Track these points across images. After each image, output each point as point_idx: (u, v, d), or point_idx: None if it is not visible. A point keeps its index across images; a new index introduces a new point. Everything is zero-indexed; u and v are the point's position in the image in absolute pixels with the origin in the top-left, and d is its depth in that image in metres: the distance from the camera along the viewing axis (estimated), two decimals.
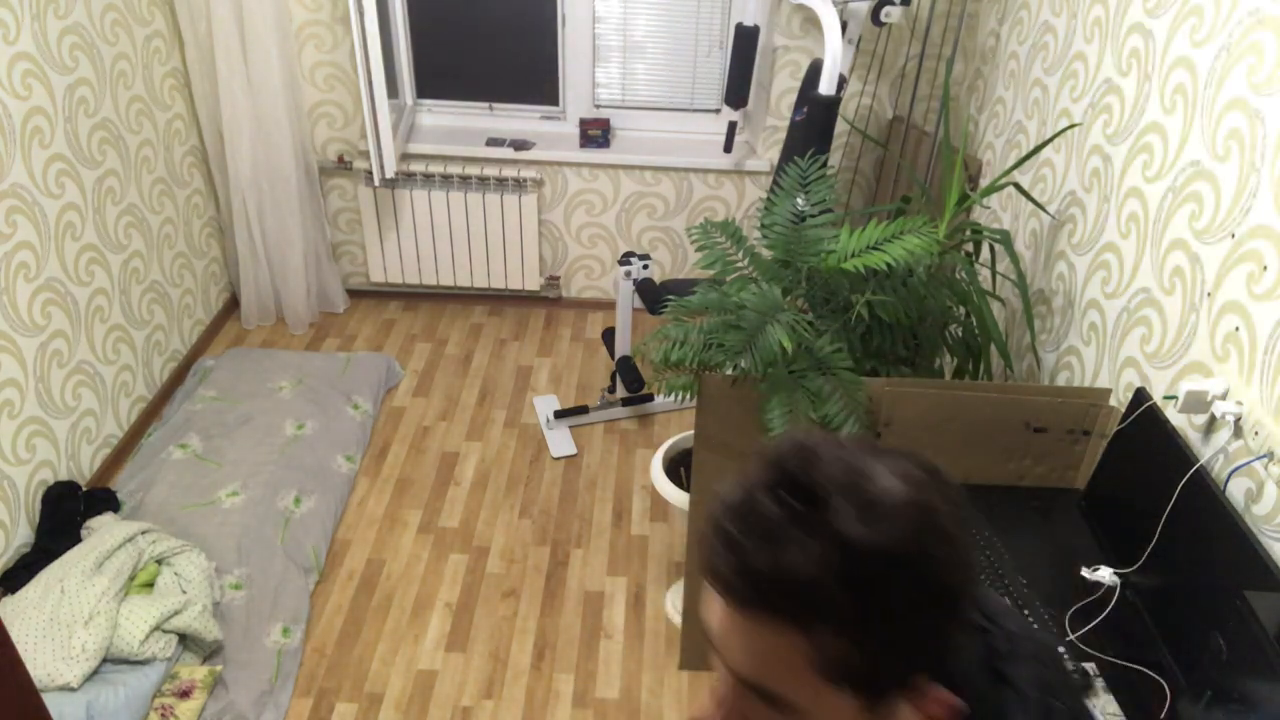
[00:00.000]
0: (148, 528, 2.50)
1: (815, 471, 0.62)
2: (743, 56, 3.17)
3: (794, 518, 0.60)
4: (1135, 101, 2.11)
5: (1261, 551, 1.41)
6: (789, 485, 0.61)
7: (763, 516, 0.61)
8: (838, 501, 0.60)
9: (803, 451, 0.63)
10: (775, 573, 0.59)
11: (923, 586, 0.60)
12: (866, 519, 0.59)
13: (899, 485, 0.61)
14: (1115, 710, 1.49)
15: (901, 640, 0.61)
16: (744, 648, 0.63)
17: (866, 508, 0.60)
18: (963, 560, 0.63)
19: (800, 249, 2.03)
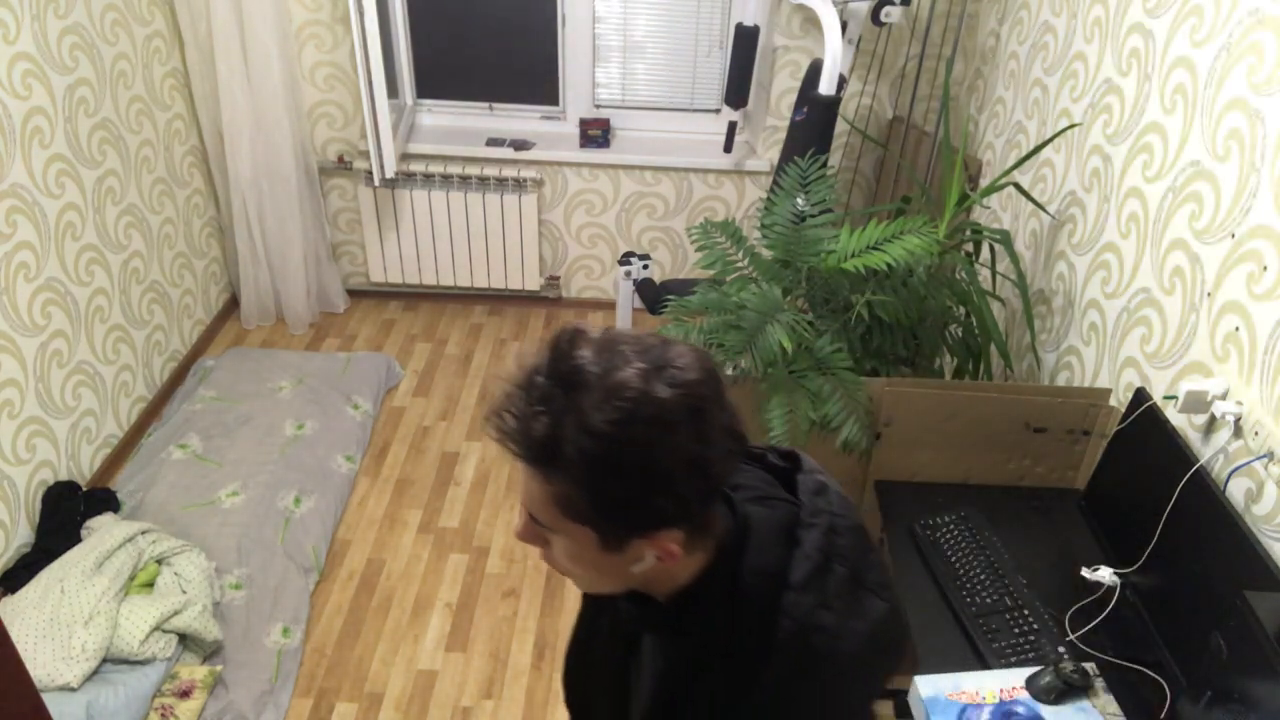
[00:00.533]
0: (148, 528, 2.50)
1: (575, 359, 0.77)
2: (743, 56, 3.17)
3: (546, 396, 0.76)
4: (1135, 101, 2.11)
5: (1261, 551, 1.41)
6: (551, 368, 0.77)
7: (526, 390, 0.78)
8: (583, 387, 0.75)
9: (573, 341, 0.79)
10: (523, 434, 0.77)
11: (637, 465, 0.76)
12: (601, 405, 0.74)
13: (635, 379, 0.75)
14: (1115, 710, 1.49)
15: (625, 501, 0.78)
16: (521, 485, 0.83)
17: (605, 394, 0.75)
18: (684, 448, 0.76)
19: (800, 249, 2.03)
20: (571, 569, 0.87)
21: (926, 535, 1.85)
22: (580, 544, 0.82)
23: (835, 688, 0.88)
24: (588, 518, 0.79)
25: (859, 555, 0.90)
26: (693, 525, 0.83)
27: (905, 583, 1.77)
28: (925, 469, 2.04)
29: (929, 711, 1.48)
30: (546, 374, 0.77)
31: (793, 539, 0.88)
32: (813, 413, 1.90)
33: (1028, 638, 1.62)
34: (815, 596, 0.85)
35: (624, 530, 0.81)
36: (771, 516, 0.90)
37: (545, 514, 0.82)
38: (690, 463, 0.77)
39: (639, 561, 0.84)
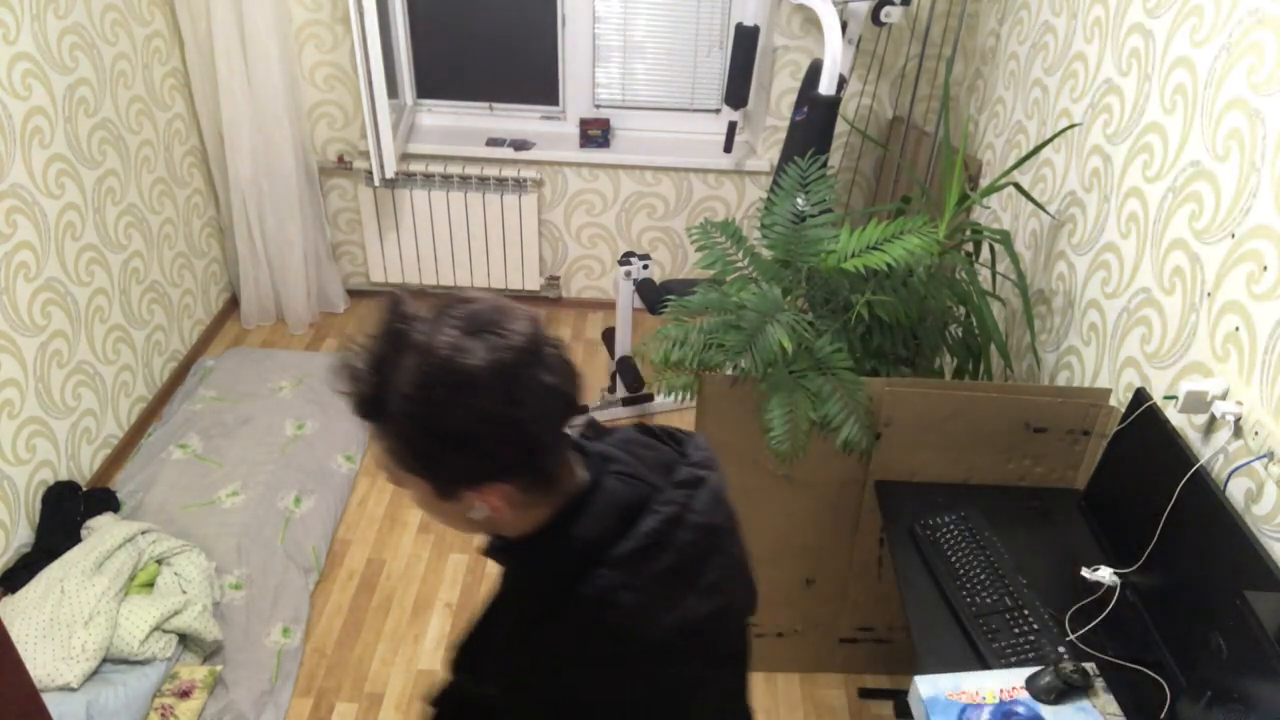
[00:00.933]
0: (148, 528, 2.50)
1: (405, 322, 0.83)
2: (743, 56, 3.17)
3: (377, 357, 0.83)
4: (1135, 101, 2.11)
5: (1261, 551, 1.41)
6: (384, 331, 0.84)
7: (366, 351, 0.84)
8: (407, 350, 0.81)
9: (406, 305, 0.85)
10: (355, 392, 0.84)
11: (441, 425, 0.82)
12: (413, 367, 0.81)
13: (447, 343, 0.81)
14: (1115, 710, 1.49)
15: (439, 456, 0.84)
16: (375, 440, 0.88)
17: (420, 357, 0.81)
18: (490, 410, 0.81)
19: (800, 249, 2.03)
20: (428, 512, 0.93)
21: (926, 535, 1.85)
22: (420, 492, 0.89)
23: (618, 668, 0.89)
24: (416, 470, 0.86)
25: (697, 553, 0.92)
26: (523, 481, 0.87)
27: (905, 583, 1.77)
28: (925, 469, 2.04)
29: (929, 711, 1.48)
30: (380, 337, 0.84)
31: (631, 519, 0.91)
32: (813, 413, 1.90)
33: (1028, 638, 1.62)
34: (624, 576, 0.88)
35: (449, 483, 0.86)
36: (619, 491, 0.93)
37: (384, 464, 0.88)
38: (497, 423, 0.82)
39: (473, 509, 0.89)
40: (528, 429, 0.84)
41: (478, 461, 0.84)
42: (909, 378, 2.07)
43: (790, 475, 2.09)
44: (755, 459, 2.06)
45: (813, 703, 2.39)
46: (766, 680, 2.44)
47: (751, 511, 2.15)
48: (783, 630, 2.37)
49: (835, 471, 2.08)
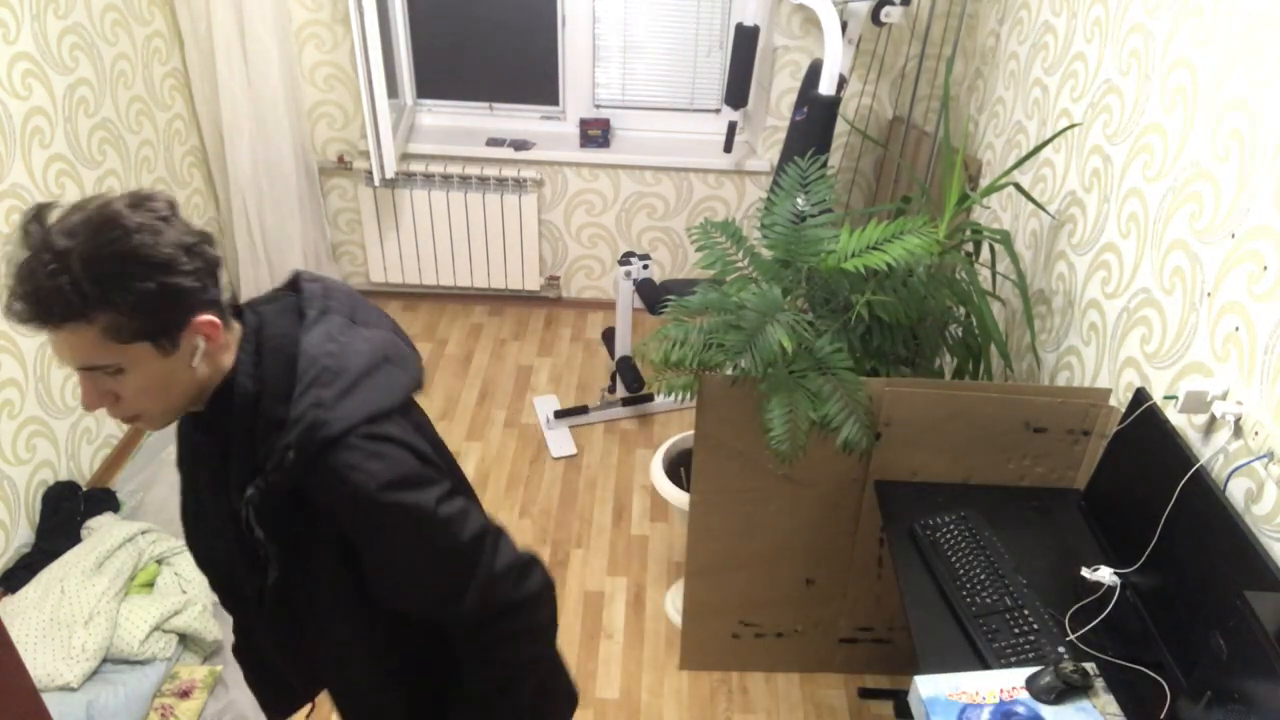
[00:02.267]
0: (148, 528, 2.50)
1: (49, 227, 0.91)
2: (743, 56, 3.17)
3: (52, 263, 0.89)
4: (1135, 101, 2.11)
5: (1261, 551, 1.41)
6: (39, 243, 0.90)
7: (32, 272, 0.90)
8: (70, 236, 0.90)
9: (40, 217, 0.92)
10: (52, 299, 0.90)
11: (138, 262, 0.91)
12: (85, 241, 0.90)
13: (93, 214, 0.92)
14: (1115, 710, 1.49)
15: (143, 302, 0.92)
16: (70, 348, 0.94)
17: (85, 233, 0.90)
18: (165, 242, 0.93)
19: (800, 249, 2.03)
20: (148, 405, 1.00)
21: (926, 535, 1.85)
22: (144, 365, 0.96)
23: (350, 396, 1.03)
24: (136, 332, 0.93)
25: (352, 304, 1.13)
26: (217, 307, 1.01)
27: (905, 583, 1.77)
28: (925, 469, 2.04)
29: (929, 711, 1.48)
30: (40, 249, 0.90)
31: (299, 311, 1.10)
32: (813, 413, 1.90)
33: (1028, 638, 1.62)
34: (323, 336, 1.06)
35: (168, 326, 0.95)
36: (279, 302, 1.12)
37: (104, 355, 0.94)
38: (183, 246, 0.95)
39: (195, 353, 1.00)
40: (206, 251, 0.99)
41: (183, 288, 0.95)
42: (909, 378, 2.07)
43: (790, 475, 2.09)
44: (755, 459, 2.06)
45: (813, 703, 2.39)
46: (767, 680, 2.44)
47: (751, 511, 2.15)
48: (783, 630, 2.37)
49: (835, 471, 2.08)
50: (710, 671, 2.45)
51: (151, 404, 1.01)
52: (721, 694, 2.40)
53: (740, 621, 2.35)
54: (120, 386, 0.98)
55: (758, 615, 2.34)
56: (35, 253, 0.91)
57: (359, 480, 0.99)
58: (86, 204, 0.94)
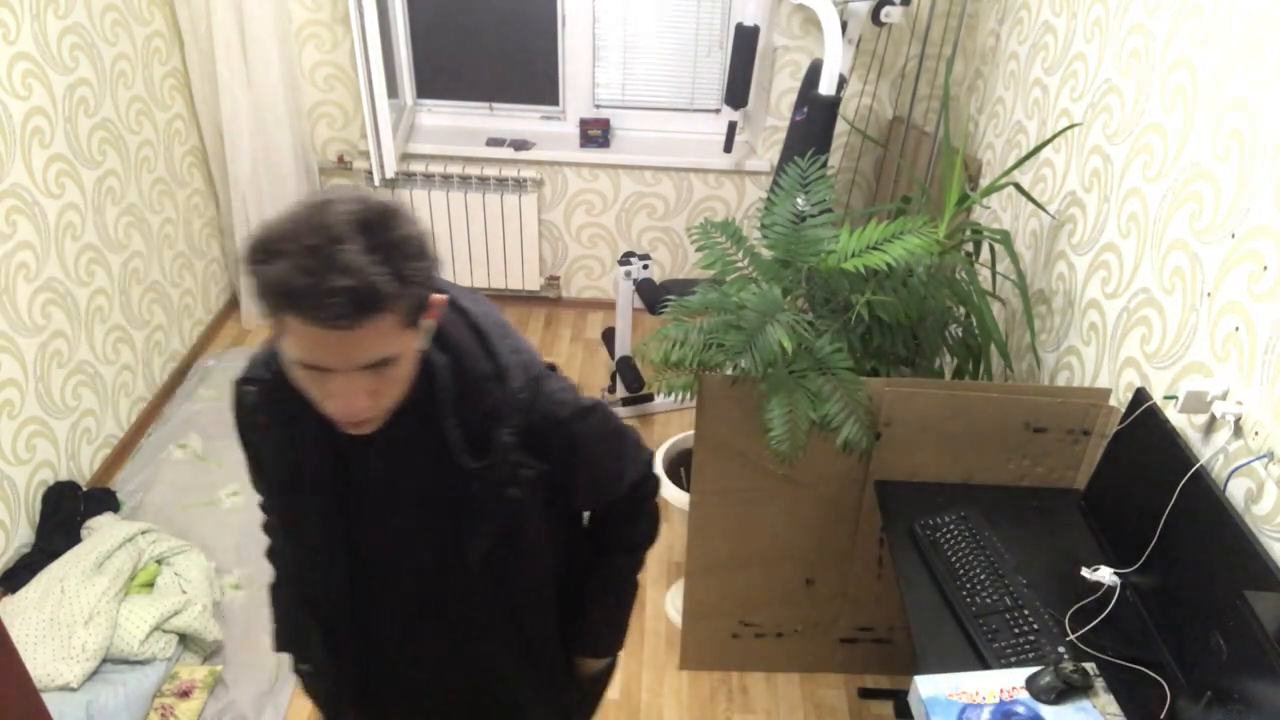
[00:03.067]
0: (148, 528, 2.50)
1: (329, 217, 0.89)
2: (743, 56, 3.17)
3: (367, 255, 0.88)
4: (1135, 101, 2.11)
5: (1261, 551, 1.41)
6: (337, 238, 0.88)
7: (344, 263, 0.87)
8: (371, 227, 0.90)
9: (330, 207, 0.90)
10: (373, 292, 0.88)
11: (419, 247, 0.93)
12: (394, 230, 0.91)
13: (374, 202, 0.92)
14: (1115, 710, 1.49)
15: (426, 283, 0.95)
16: (366, 344, 0.91)
17: (394, 222, 0.92)
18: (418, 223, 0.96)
19: (800, 249, 2.03)
20: (397, 396, 1.01)
21: (926, 535, 1.85)
22: (410, 351, 0.99)
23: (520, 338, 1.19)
24: (416, 315, 0.96)
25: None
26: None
27: (905, 583, 1.77)
28: (925, 469, 2.04)
29: (929, 711, 1.48)
30: (348, 240, 0.88)
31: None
32: (813, 413, 1.90)
33: (1028, 638, 1.62)
34: (461, 294, 1.15)
35: (424, 306, 0.97)
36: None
37: (394, 344, 0.94)
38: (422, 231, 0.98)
39: (428, 333, 1.05)
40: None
41: (430, 266, 0.96)
42: (909, 378, 2.07)
43: (790, 475, 2.09)
44: (755, 459, 2.06)
45: (813, 703, 2.39)
46: (767, 680, 2.44)
47: (751, 511, 2.15)
48: (783, 630, 2.37)
49: (835, 471, 2.08)
50: (710, 671, 2.45)
51: (399, 394, 1.01)
52: (721, 694, 2.40)
53: (740, 621, 2.35)
54: (384, 380, 0.97)
55: (758, 615, 2.34)
56: (345, 245, 0.88)
57: (569, 399, 1.15)
58: (340, 198, 0.93)
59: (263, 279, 0.88)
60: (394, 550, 1.19)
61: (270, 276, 0.87)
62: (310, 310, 0.87)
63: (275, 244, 0.88)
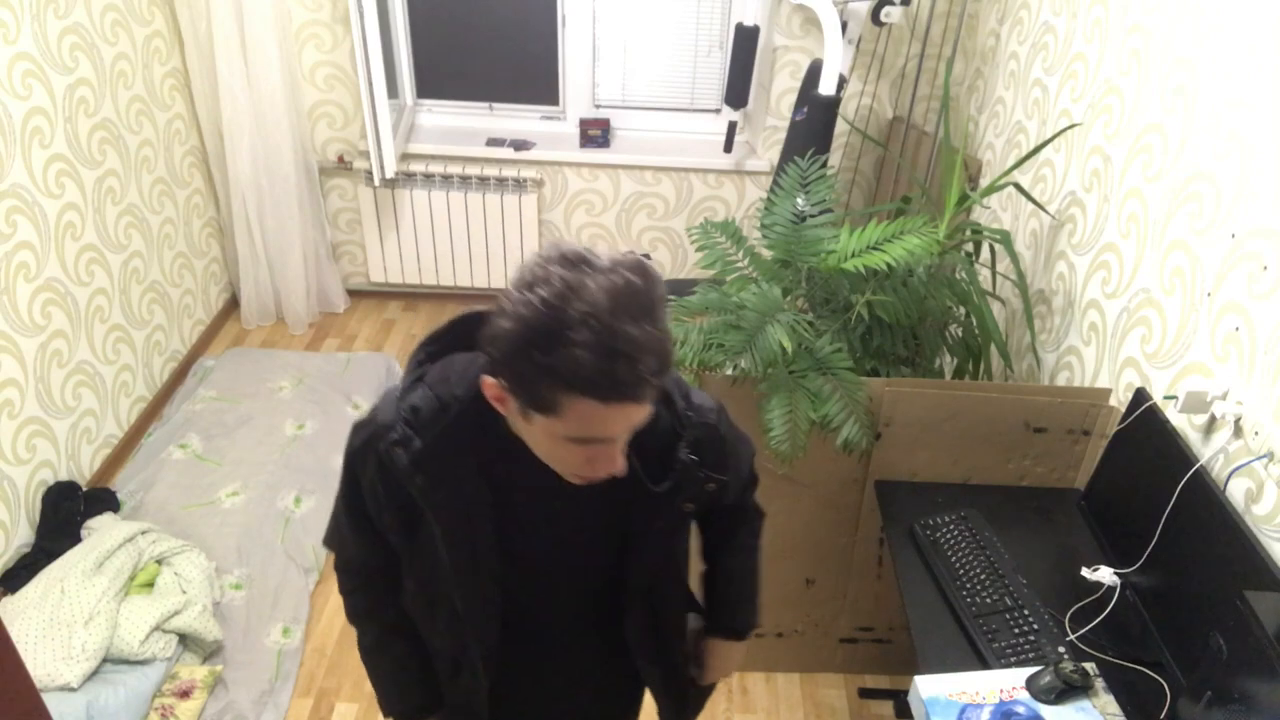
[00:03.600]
0: (148, 528, 2.50)
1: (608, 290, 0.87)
2: (743, 56, 3.17)
3: (659, 336, 0.89)
4: (1135, 101, 2.11)
5: (1261, 551, 1.41)
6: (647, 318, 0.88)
7: (654, 344, 0.88)
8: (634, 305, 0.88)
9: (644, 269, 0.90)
10: (665, 366, 0.90)
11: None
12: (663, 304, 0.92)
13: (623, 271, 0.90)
14: (1115, 710, 1.49)
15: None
16: (639, 413, 0.93)
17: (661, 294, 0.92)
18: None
19: (800, 249, 2.03)
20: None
21: (926, 535, 1.85)
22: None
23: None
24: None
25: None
26: None
27: (905, 583, 1.77)
28: (925, 469, 2.04)
29: (929, 711, 1.48)
30: (656, 319, 0.89)
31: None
32: (813, 413, 1.90)
33: (1028, 638, 1.62)
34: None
35: None
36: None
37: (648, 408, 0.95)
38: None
39: None
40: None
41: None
42: (909, 378, 2.07)
43: (790, 475, 2.09)
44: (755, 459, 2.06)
45: (813, 703, 2.39)
46: (767, 680, 2.44)
47: None
48: (783, 630, 2.37)
49: (835, 471, 2.08)
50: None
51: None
52: (721, 694, 2.39)
53: None
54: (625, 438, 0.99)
55: (758, 614, 2.34)
56: (639, 322, 0.87)
57: (709, 402, 1.17)
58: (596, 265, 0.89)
59: (566, 369, 0.86)
60: (551, 580, 1.21)
61: (575, 366, 0.85)
62: (618, 392, 0.87)
63: (562, 330, 0.85)
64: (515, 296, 0.88)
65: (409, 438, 1.05)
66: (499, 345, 0.90)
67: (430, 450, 1.05)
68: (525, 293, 0.87)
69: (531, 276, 0.88)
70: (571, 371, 0.86)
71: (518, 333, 0.87)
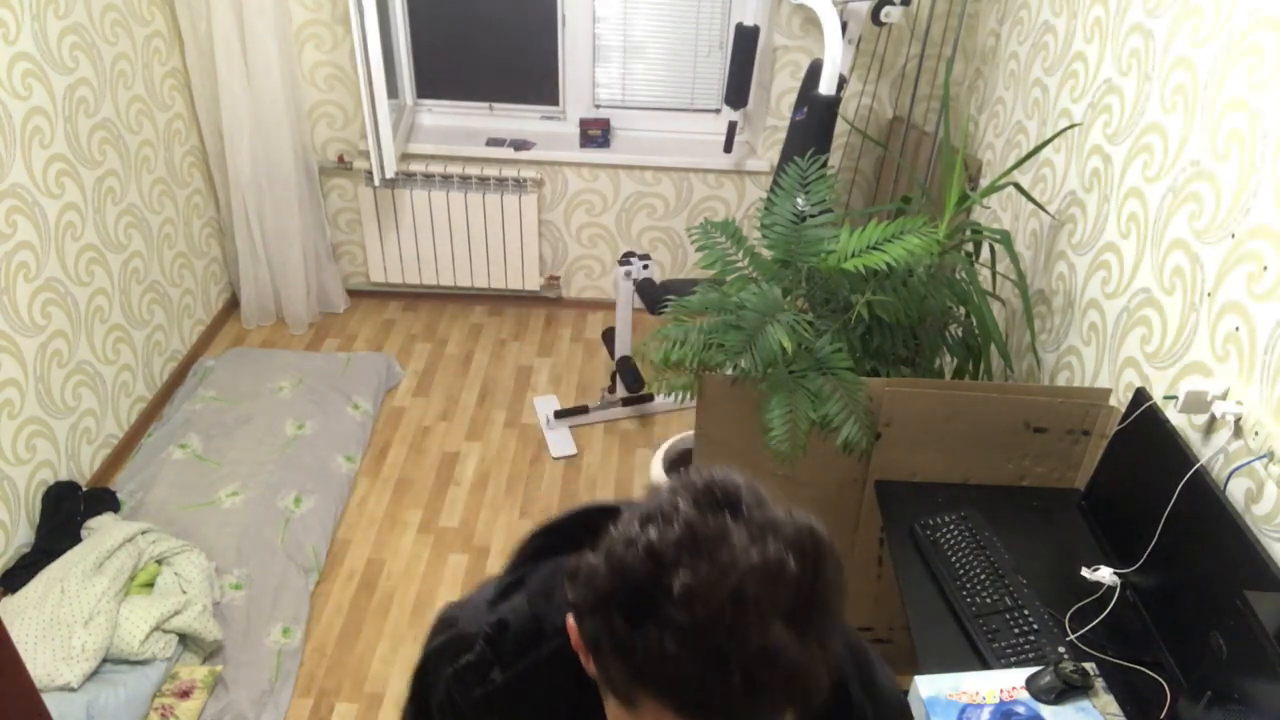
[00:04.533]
0: (148, 528, 2.50)
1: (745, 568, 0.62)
2: (743, 56, 3.17)
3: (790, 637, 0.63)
4: (1135, 101, 2.11)
5: (1261, 551, 1.41)
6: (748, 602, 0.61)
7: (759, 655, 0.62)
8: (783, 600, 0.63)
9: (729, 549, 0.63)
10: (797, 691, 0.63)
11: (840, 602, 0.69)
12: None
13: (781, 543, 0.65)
14: (1115, 710, 1.49)
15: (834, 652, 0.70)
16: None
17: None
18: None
19: (800, 249, 2.03)
20: None
21: (926, 535, 1.85)
22: None
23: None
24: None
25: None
26: None
27: (905, 583, 1.77)
28: (925, 469, 2.04)
29: (929, 711, 1.48)
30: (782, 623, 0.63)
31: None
32: (813, 413, 1.90)
33: (1028, 638, 1.62)
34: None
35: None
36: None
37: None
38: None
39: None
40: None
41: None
42: (909, 378, 2.07)
43: (790, 475, 2.09)
44: (755, 459, 2.06)
45: None
46: None
47: None
48: None
49: (835, 471, 2.08)
50: None
51: None
52: None
53: None
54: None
55: None
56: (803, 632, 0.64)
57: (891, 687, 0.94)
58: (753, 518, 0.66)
59: (646, 656, 0.61)
60: None
61: (658, 658, 0.61)
62: (709, 713, 0.61)
63: (658, 602, 0.61)
64: (624, 530, 0.65)
65: (487, 663, 0.81)
66: (579, 589, 0.67)
67: (511, 688, 0.80)
68: (638, 528, 0.64)
69: (655, 506, 0.65)
70: (651, 662, 0.61)
71: (605, 581, 0.64)
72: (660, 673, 0.61)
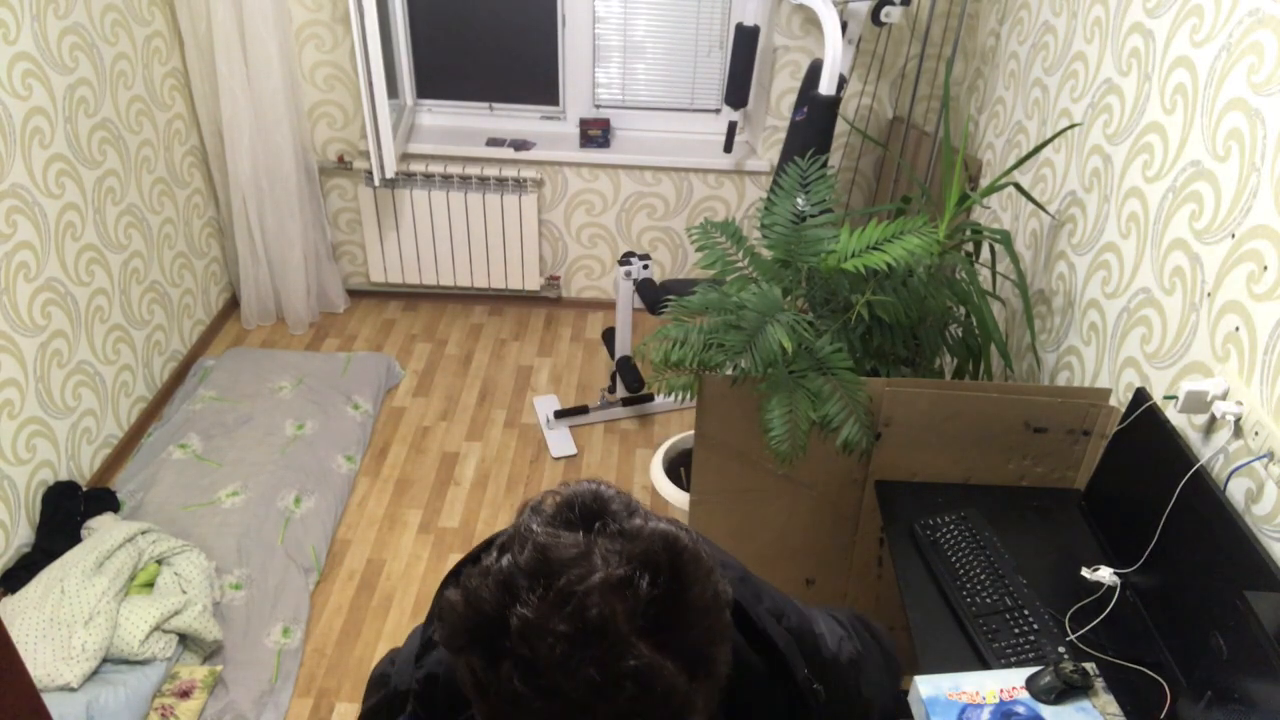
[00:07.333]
0: (148, 528, 2.50)
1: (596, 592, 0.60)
2: (743, 56, 3.17)
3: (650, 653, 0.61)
4: (1135, 101, 2.11)
5: (1261, 551, 1.41)
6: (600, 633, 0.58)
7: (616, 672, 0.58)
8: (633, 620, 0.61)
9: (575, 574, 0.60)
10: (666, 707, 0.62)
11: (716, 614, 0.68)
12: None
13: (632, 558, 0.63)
14: (1115, 710, 1.49)
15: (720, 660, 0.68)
16: None
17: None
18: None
19: (800, 249, 2.03)
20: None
21: (926, 535, 1.85)
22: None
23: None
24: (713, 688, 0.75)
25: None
26: None
27: (905, 583, 1.77)
28: (925, 469, 2.04)
29: (929, 711, 1.48)
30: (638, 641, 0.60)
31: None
32: (813, 413, 1.90)
33: (1028, 638, 1.62)
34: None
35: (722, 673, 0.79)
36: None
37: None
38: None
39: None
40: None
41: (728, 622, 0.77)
42: (909, 378, 2.08)
43: (790, 475, 2.09)
44: (755, 459, 2.06)
45: None
46: None
47: (751, 511, 2.15)
48: None
49: (835, 471, 2.08)
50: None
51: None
52: None
53: None
54: None
55: None
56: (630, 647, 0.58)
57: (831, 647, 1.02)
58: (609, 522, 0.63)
59: (500, 698, 0.57)
60: None
61: (510, 700, 0.56)
62: None
63: (498, 637, 0.57)
64: (486, 559, 0.61)
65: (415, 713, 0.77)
66: (442, 628, 0.61)
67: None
68: (495, 555, 0.60)
69: (514, 529, 0.61)
70: (504, 703, 0.57)
71: (460, 618, 0.59)
72: (514, 713, 0.56)
